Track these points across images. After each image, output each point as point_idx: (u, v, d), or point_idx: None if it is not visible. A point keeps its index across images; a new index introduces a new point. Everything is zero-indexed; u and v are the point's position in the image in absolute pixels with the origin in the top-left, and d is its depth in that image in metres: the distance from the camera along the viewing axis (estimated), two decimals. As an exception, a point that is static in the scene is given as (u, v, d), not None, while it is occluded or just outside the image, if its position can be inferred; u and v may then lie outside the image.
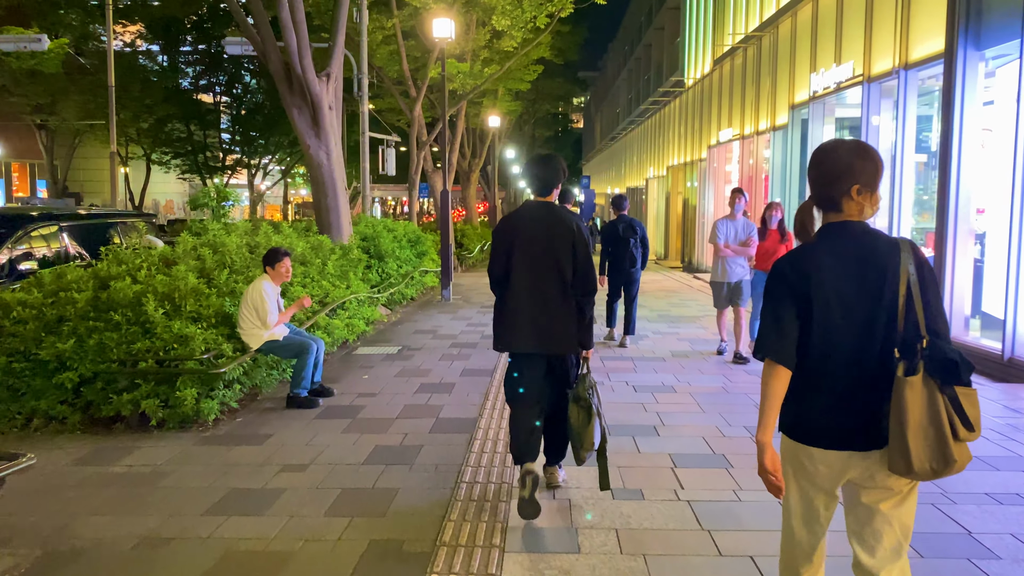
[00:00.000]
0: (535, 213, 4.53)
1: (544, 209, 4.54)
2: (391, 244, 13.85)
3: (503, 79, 30.17)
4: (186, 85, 44.00)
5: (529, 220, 4.50)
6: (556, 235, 4.40)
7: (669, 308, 14.24)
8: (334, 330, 8.68)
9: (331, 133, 12.36)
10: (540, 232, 4.42)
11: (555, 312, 4.37)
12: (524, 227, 4.47)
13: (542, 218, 4.48)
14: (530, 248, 4.40)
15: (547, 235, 4.40)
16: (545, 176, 4.59)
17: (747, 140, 19.15)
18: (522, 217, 4.54)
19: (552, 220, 4.46)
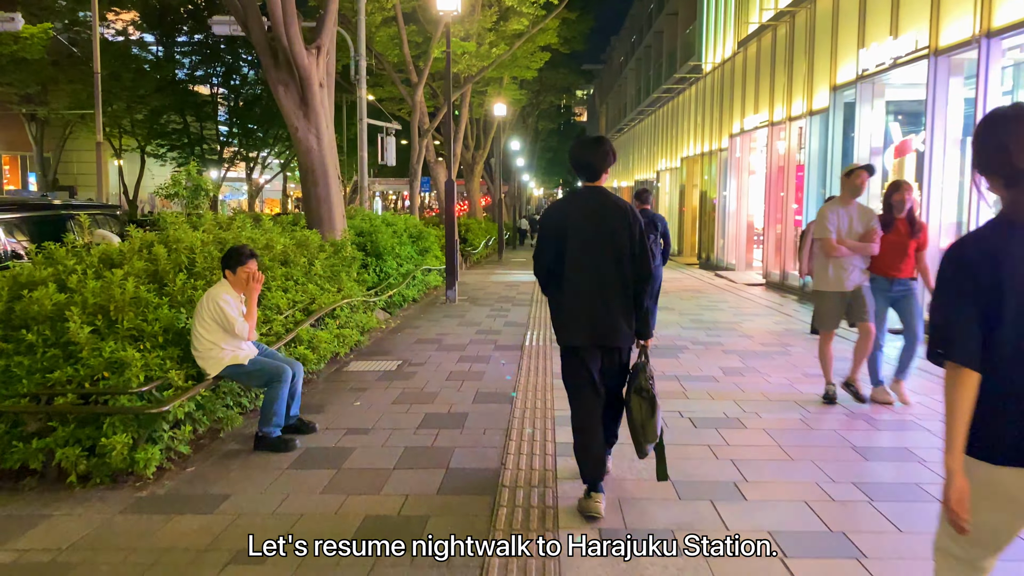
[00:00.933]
0: (587, 199, 4.30)
1: (596, 194, 4.32)
2: (390, 240, 12.38)
3: (509, 65, 28.83)
4: (182, 76, 42.66)
5: (581, 207, 4.28)
6: (611, 220, 4.20)
7: (700, 311, 12.76)
8: (320, 344, 7.21)
9: (322, 114, 10.89)
10: (594, 219, 4.22)
11: (612, 302, 4.19)
12: (576, 214, 4.25)
13: (595, 204, 4.27)
14: (583, 236, 4.21)
15: (601, 221, 4.21)
16: (594, 160, 4.33)
17: (777, 127, 17.65)
18: (573, 204, 4.33)
19: (605, 205, 4.26)
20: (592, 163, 4.32)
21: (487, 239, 29.02)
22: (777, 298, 15.36)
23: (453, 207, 13.97)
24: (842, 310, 6.52)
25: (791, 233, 16.89)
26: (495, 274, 21.23)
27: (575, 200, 4.34)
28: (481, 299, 14.74)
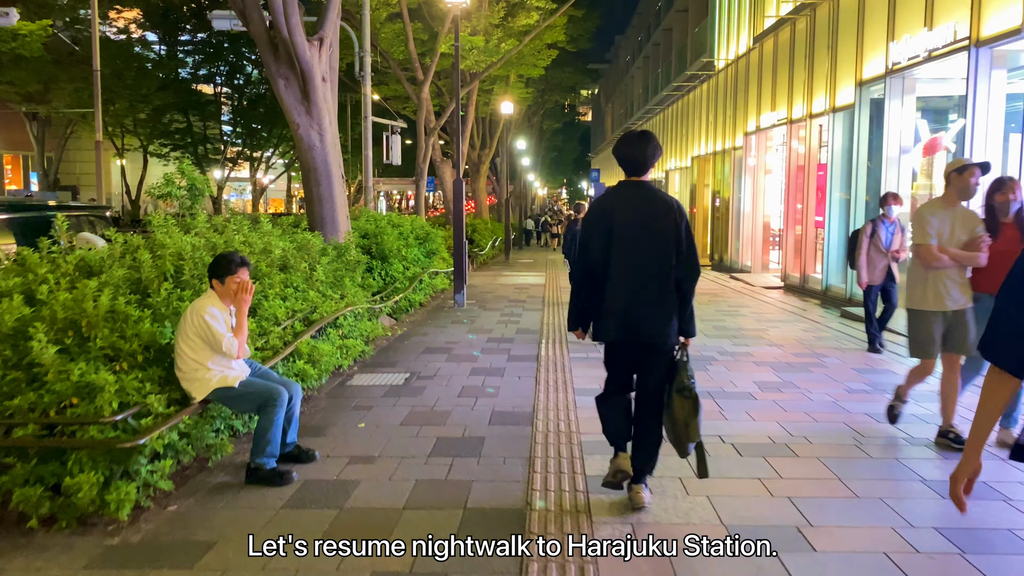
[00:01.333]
0: (632, 194, 4.24)
1: (641, 189, 4.25)
2: (396, 242, 11.77)
3: (516, 63, 28.34)
4: (185, 75, 42.16)
5: (626, 202, 4.21)
6: (658, 216, 4.15)
7: (722, 317, 12.14)
8: (321, 357, 6.61)
9: (324, 109, 10.29)
10: (640, 214, 4.16)
11: (658, 298, 4.14)
12: (623, 209, 4.18)
13: (640, 199, 4.21)
14: (629, 231, 4.15)
15: (648, 217, 4.15)
16: (641, 154, 4.25)
17: (796, 124, 17.01)
18: (618, 199, 4.24)
19: (651, 200, 4.20)
20: (638, 157, 4.24)
21: (494, 239, 28.43)
22: (798, 302, 14.73)
23: (462, 207, 13.36)
24: (941, 333, 5.38)
25: (812, 235, 16.26)
26: (503, 276, 20.62)
27: (621, 194, 4.26)
28: (490, 303, 14.13)
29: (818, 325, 11.41)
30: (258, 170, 46.55)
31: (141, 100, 38.31)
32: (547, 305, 13.84)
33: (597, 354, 8.94)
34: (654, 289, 4.11)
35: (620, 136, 4.39)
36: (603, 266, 4.18)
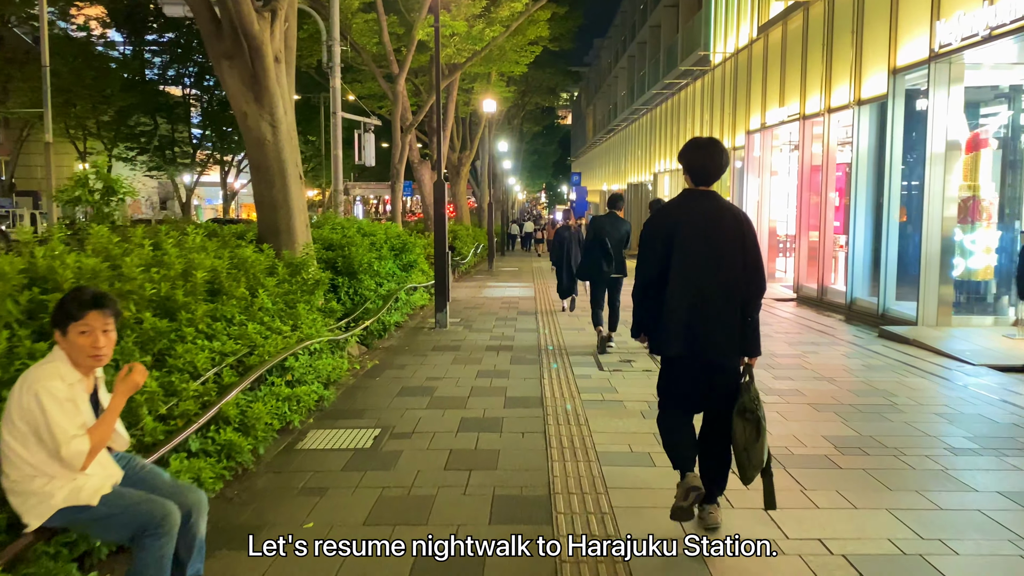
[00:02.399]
0: (698, 204, 3.99)
1: (708, 200, 4.00)
2: (368, 255, 10.01)
3: (497, 60, 26.83)
4: (152, 76, 40.20)
5: (692, 212, 3.96)
6: (724, 229, 3.90)
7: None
8: (257, 421, 4.85)
9: (277, 95, 8.54)
10: (705, 226, 3.91)
11: (720, 314, 3.88)
12: (687, 220, 3.94)
13: (706, 210, 3.96)
14: (694, 244, 3.90)
15: (713, 229, 3.90)
16: (711, 163, 4.00)
17: (810, 120, 15.44)
18: (685, 207, 4.02)
19: (718, 212, 3.96)
20: (709, 166, 4.01)
21: (476, 246, 26.71)
22: (819, 318, 13.14)
23: (444, 212, 11.63)
24: None
25: (829, 242, 14.68)
26: (487, 287, 18.89)
27: (686, 204, 4.04)
28: (477, 322, 12.40)
29: (861, 350, 9.79)
30: (229, 174, 44.81)
31: (103, 101, 36.48)
32: (541, 324, 12.14)
33: (614, 396, 7.36)
34: (719, 304, 3.89)
35: (688, 143, 4.09)
36: (663, 277, 3.95)
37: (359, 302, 9.63)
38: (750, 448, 3.82)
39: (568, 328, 11.68)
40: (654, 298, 3.98)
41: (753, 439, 3.81)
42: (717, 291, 3.88)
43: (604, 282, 9.59)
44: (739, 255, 3.87)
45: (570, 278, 13.16)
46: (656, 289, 3.97)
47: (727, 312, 3.88)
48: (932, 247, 10.90)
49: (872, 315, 12.38)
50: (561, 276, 13.46)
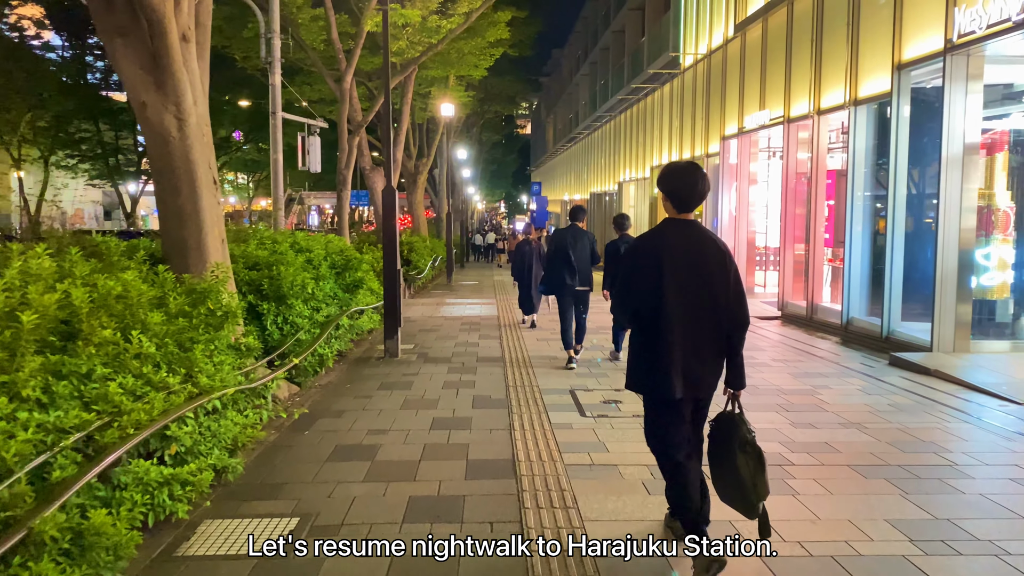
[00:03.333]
0: (681, 233, 3.85)
1: (690, 228, 3.86)
2: (301, 275, 8.39)
3: (456, 63, 25.48)
4: (94, 80, 37.92)
5: (675, 241, 3.82)
6: (709, 259, 3.79)
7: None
8: (99, 538, 3.26)
9: (185, 82, 6.94)
10: (689, 255, 3.79)
11: (708, 349, 3.79)
12: (671, 249, 3.80)
13: (690, 239, 3.83)
14: (679, 275, 3.76)
15: (698, 259, 3.79)
16: (691, 191, 3.84)
17: (797, 124, 14.21)
18: (665, 237, 3.85)
19: (702, 241, 3.83)
20: (692, 193, 3.84)
21: (433, 259, 25.13)
22: (810, 338, 11.85)
23: (395, 224, 10.06)
24: None
25: (819, 256, 13.43)
26: (446, 304, 17.34)
27: (669, 234, 3.86)
28: (433, 348, 10.85)
29: (877, 383, 8.45)
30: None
31: (39, 105, 34.24)
32: (507, 349, 10.63)
33: (604, 457, 5.67)
34: (709, 340, 3.79)
35: (667, 168, 3.93)
36: (653, 315, 3.77)
37: (290, 332, 8.02)
38: (757, 481, 3.69)
39: (539, 355, 10.19)
40: (643, 335, 3.85)
41: (759, 471, 3.69)
42: (709, 326, 3.78)
43: (570, 295, 9.44)
44: (725, 287, 3.77)
45: (532, 293, 13.05)
46: (646, 325, 3.83)
47: (719, 347, 3.82)
48: (948, 262, 9.64)
49: (874, 337, 11.11)
50: (523, 291, 13.32)
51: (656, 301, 3.75)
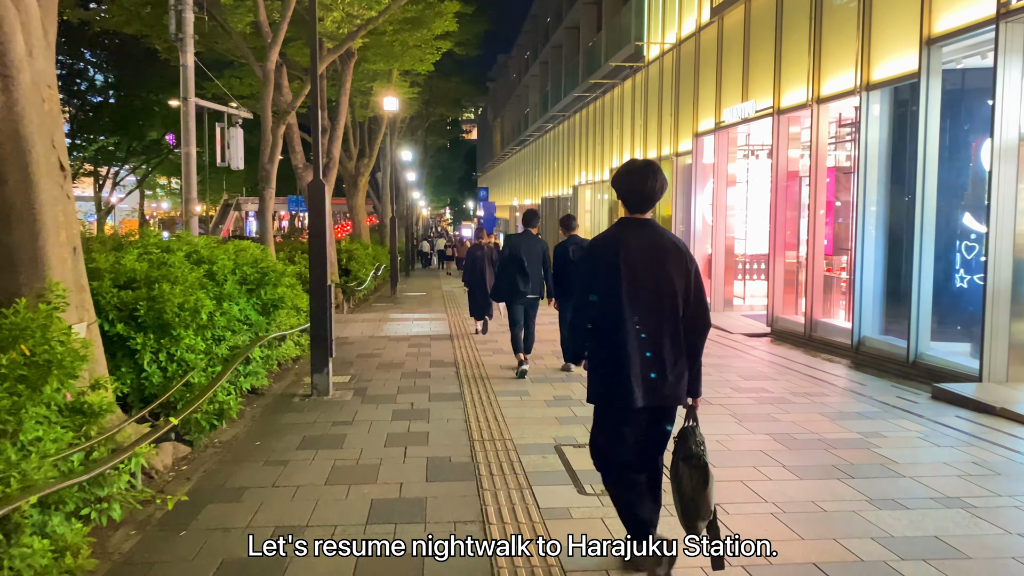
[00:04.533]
0: (637, 234, 3.68)
1: (647, 229, 3.70)
2: (192, 295, 6.26)
3: (399, 56, 23.55)
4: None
5: (632, 242, 3.65)
6: (669, 261, 3.62)
7: (742, 402, 7.30)
8: None
9: (14, 22, 4.83)
10: (648, 257, 3.62)
11: (668, 355, 3.61)
12: (627, 251, 3.63)
13: (647, 240, 3.66)
14: (637, 277, 3.61)
15: (657, 261, 3.62)
16: (641, 188, 3.68)
17: (789, 116, 12.56)
18: (621, 239, 3.68)
19: (662, 243, 3.66)
20: (642, 191, 3.69)
21: (376, 267, 22.97)
22: (813, 360, 10.17)
23: (324, 225, 7.95)
24: None
25: (817, 266, 11.75)
26: (390, 320, 15.24)
27: (625, 235, 3.69)
28: (374, 382, 8.78)
29: (934, 426, 6.69)
30: (104, 187, 39.79)
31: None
32: (467, 381, 8.64)
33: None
34: (670, 345, 3.60)
35: (620, 167, 3.78)
36: (611, 319, 3.61)
37: (177, 373, 5.91)
38: (698, 496, 3.50)
39: (506, 389, 8.21)
40: (601, 342, 3.66)
41: (701, 486, 3.49)
42: (669, 330, 3.61)
43: (521, 303, 9.31)
44: (687, 288, 3.62)
45: (484, 298, 12.59)
46: (604, 332, 3.64)
47: (680, 351, 3.64)
48: (1001, 273, 7.97)
49: (896, 361, 9.43)
50: (475, 297, 12.90)
51: (614, 305, 3.60)
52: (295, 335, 9.41)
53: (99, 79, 39.07)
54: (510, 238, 9.46)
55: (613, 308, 3.59)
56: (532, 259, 9.09)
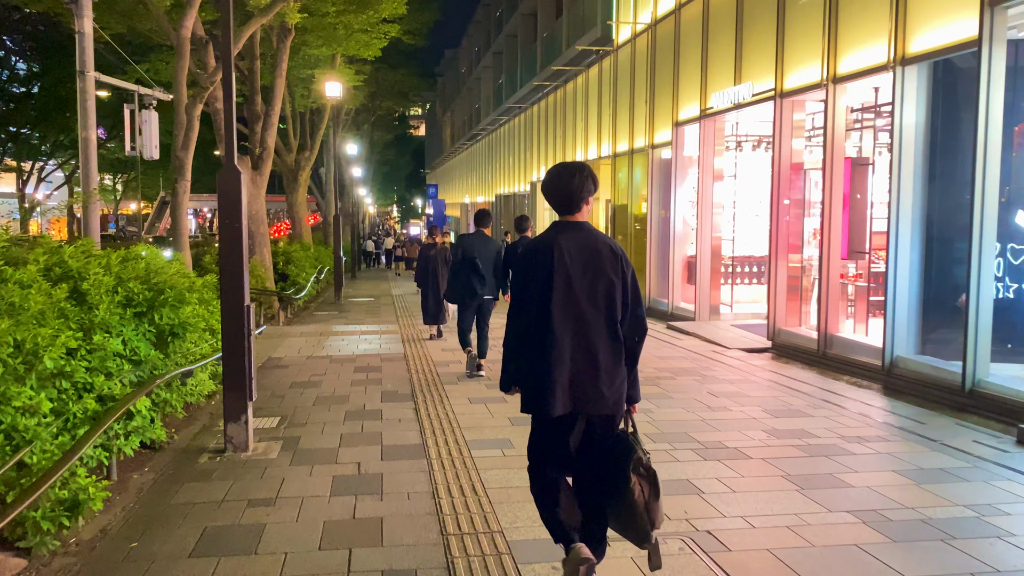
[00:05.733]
0: (569, 236, 3.54)
1: (578, 230, 3.56)
2: (29, 330, 4.24)
3: (344, 39, 21.64)
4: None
5: (564, 245, 3.51)
6: (603, 264, 3.49)
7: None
8: None
9: None
10: (581, 260, 3.49)
11: (604, 360, 3.46)
12: (559, 254, 3.49)
13: (579, 242, 3.53)
14: (569, 281, 3.47)
15: (590, 263, 3.49)
16: (572, 188, 3.53)
17: (794, 99, 10.95)
18: (552, 242, 3.53)
19: (595, 245, 3.52)
20: (570, 191, 3.53)
21: (318, 270, 20.86)
22: (836, 385, 8.60)
23: (240, 225, 5.97)
24: None
25: (836, 268, 10.14)
26: (333, 334, 13.21)
27: (557, 238, 3.53)
28: (310, 429, 6.82)
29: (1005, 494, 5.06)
30: (28, 183, 36.94)
31: None
32: (429, 422, 6.73)
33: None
34: (606, 350, 3.47)
35: (549, 171, 3.66)
36: (542, 325, 3.45)
37: (4, 449, 3.90)
38: (651, 504, 3.37)
39: (485, 445, 6.34)
40: (531, 348, 3.50)
41: (653, 496, 3.38)
42: (603, 334, 3.47)
43: (476, 304, 9.18)
44: (623, 292, 3.49)
45: (437, 301, 12.19)
46: (534, 337, 3.49)
47: (616, 357, 3.49)
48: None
49: (945, 388, 7.82)
50: (427, 299, 12.43)
51: (544, 311, 3.45)
52: (212, 364, 7.39)
53: (21, 68, 36.25)
54: (462, 238, 9.26)
55: (544, 314, 3.46)
56: (485, 260, 8.96)
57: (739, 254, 14.42)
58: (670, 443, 6.23)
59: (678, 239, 15.12)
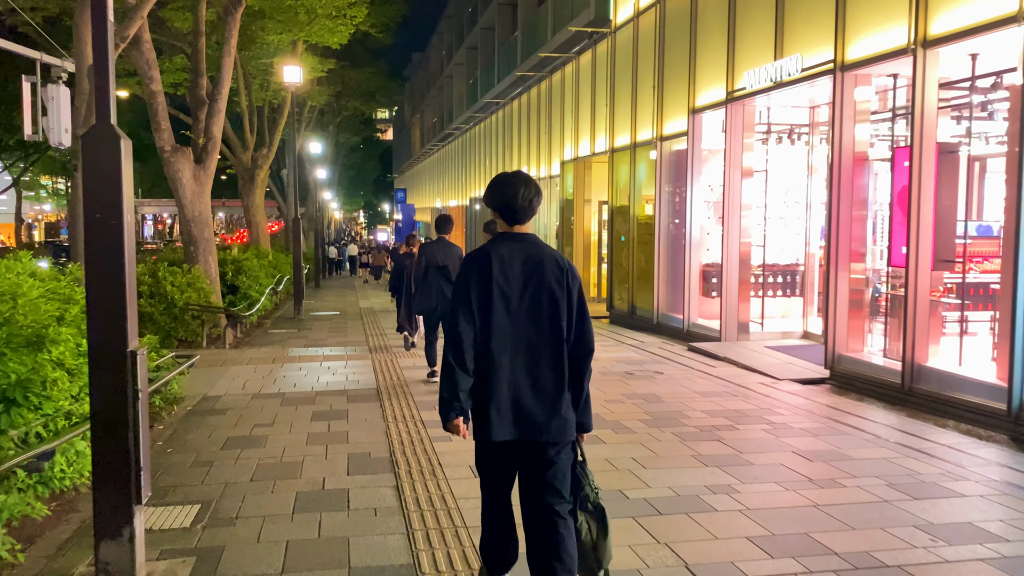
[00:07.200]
0: (513, 249, 3.33)
1: (525, 243, 3.36)
2: None
3: (305, 25, 19.54)
4: None
5: (507, 258, 3.30)
6: (548, 279, 3.29)
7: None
8: None
9: None
10: (525, 274, 3.28)
11: (555, 383, 3.24)
12: (505, 269, 3.28)
13: (525, 256, 3.32)
14: (511, 296, 3.26)
15: (537, 280, 3.28)
16: (518, 199, 3.33)
17: (858, 71, 8.86)
18: (496, 255, 3.31)
19: (539, 258, 3.32)
20: (516, 201, 3.33)
21: (275, 281, 18.42)
22: (942, 435, 6.56)
23: (122, 236, 3.69)
24: None
25: (925, 284, 8.04)
26: (288, 360, 10.82)
27: (501, 250, 3.32)
28: (239, 533, 4.50)
29: None
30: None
31: None
32: (421, 518, 4.47)
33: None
34: (549, 372, 3.25)
35: (492, 180, 3.44)
36: (483, 342, 3.24)
37: None
38: (599, 543, 3.27)
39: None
40: (473, 368, 3.26)
41: (602, 535, 3.27)
42: (549, 355, 3.25)
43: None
44: (568, 309, 3.28)
45: (412, 311, 11.09)
46: (474, 355, 3.26)
47: (562, 379, 3.26)
48: None
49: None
50: (400, 308, 11.49)
51: (484, 328, 3.23)
52: (79, 440, 5.04)
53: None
54: (425, 248, 9.03)
55: (484, 331, 3.23)
56: (453, 266, 8.65)
57: (770, 263, 12.33)
58: (797, 558, 4.03)
59: (694, 245, 12.97)
